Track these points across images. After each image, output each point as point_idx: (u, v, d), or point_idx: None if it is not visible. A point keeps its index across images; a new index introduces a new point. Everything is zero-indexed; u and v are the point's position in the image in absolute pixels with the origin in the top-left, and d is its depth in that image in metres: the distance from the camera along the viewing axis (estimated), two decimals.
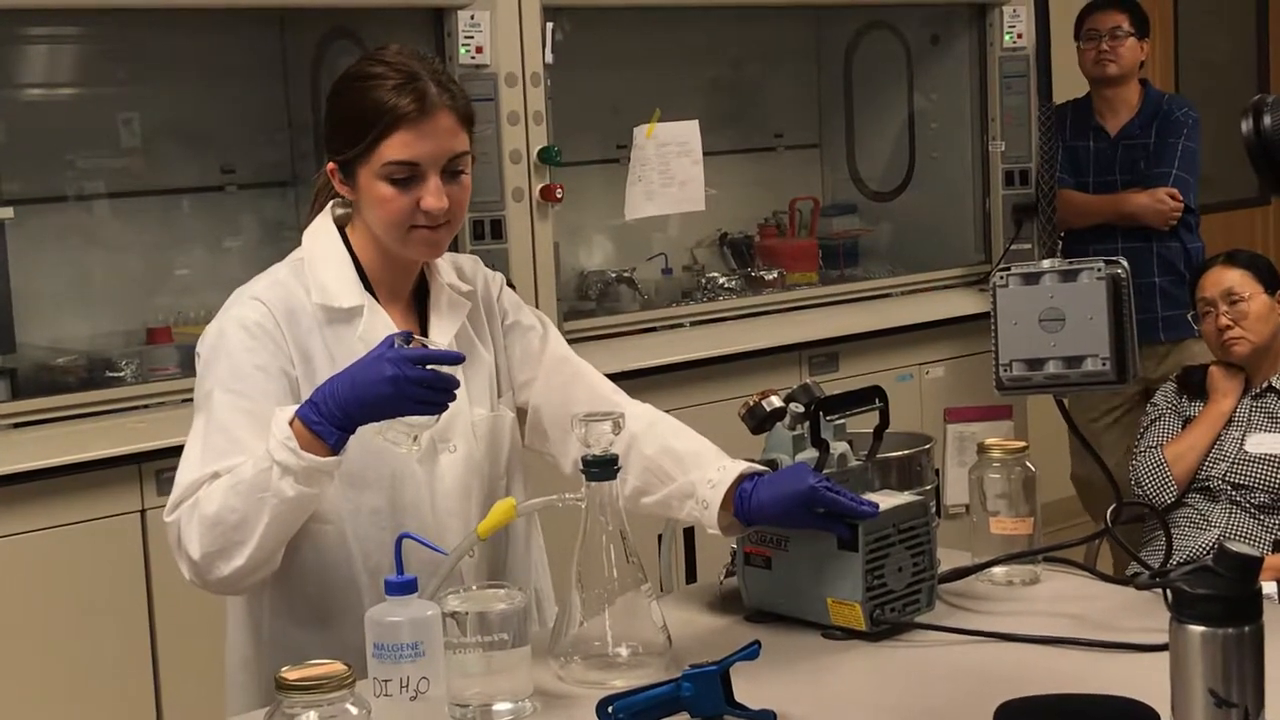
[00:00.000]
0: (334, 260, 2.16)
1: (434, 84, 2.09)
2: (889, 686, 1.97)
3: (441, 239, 2.14)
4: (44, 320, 3.72)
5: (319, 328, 2.13)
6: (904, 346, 4.62)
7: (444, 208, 2.09)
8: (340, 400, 1.96)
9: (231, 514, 1.98)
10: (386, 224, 2.11)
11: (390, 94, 2.07)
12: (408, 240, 2.12)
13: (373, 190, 2.10)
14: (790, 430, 2.16)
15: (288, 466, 1.96)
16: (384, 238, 2.14)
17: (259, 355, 2.08)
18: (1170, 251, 4.70)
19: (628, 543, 1.96)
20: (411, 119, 2.06)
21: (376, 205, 2.10)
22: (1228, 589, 1.53)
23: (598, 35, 4.45)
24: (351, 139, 2.10)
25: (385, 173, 2.08)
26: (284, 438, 1.96)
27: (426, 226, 2.10)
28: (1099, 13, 4.76)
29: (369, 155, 2.08)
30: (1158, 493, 3.71)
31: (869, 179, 5.22)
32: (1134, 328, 1.98)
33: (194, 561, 2.01)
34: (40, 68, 3.96)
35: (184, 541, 2.02)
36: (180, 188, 4.04)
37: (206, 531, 2.00)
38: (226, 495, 1.99)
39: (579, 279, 4.53)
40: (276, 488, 1.96)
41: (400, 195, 2.08)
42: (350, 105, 2.11)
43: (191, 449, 2.07)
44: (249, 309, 2.11)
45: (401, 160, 2.07)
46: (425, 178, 2.08)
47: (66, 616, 3.26)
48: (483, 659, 1.83)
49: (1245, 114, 1.68)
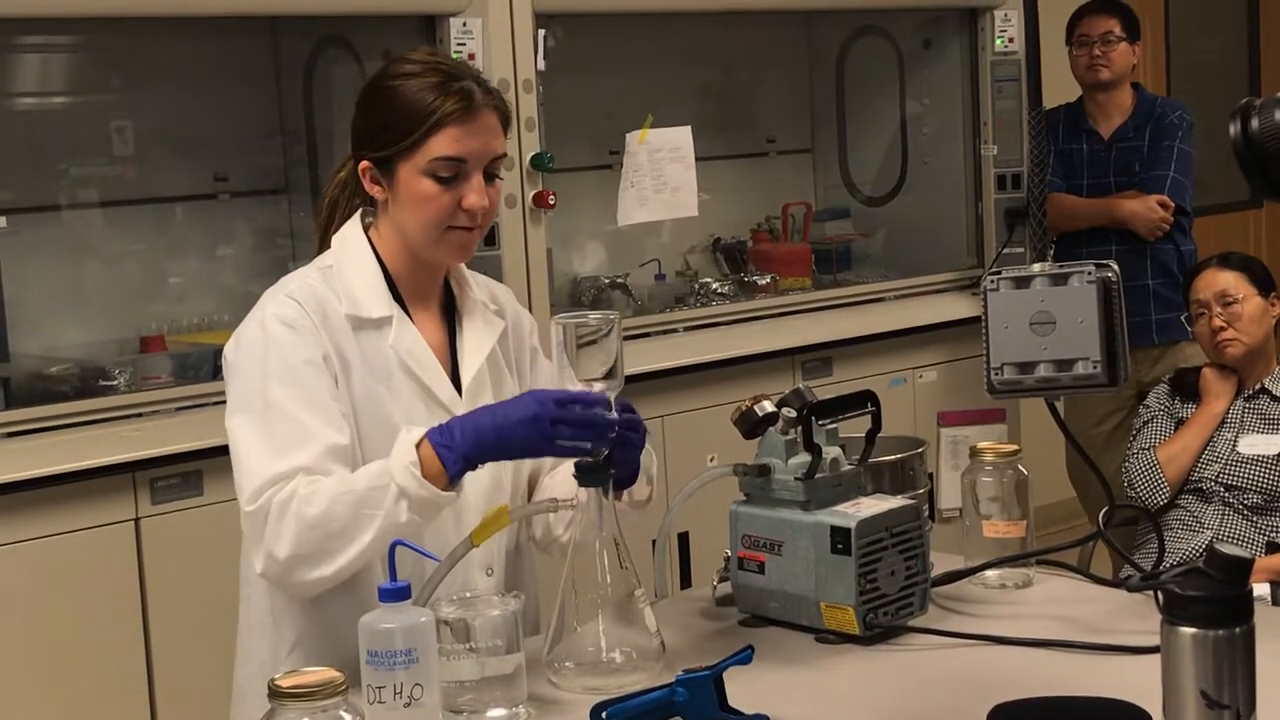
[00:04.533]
0: (363, 269, 2.15)
1: (478, 85, 2.11)
2: (882, 690, 1.97)
3: (473, 242, 2.14)
4: (37, 329, 3.72)
5: (353, 334, 2.12)
6: (897, 351, 4.63)
7: (485, 206, 2.10)
8: (478, 430, 1.94)
9: (334, 522, 1.96)
10: (425, 222, 2.11)
11: (435, 91, 2.08)
12: (442, 240, 2.12)
13: (415, 187, 2.09)
14: (783, 435, 2.16)
15: (406, 492, 1.94)
16: (417, 237, 2.13)
17: (306, 349, 2.07)
18: (1163, 254, 4.71)
19: (621, 548, 1.97)
20: (460, 115, 2.08)
21: (418, 203, 2.10)
22: (1219, 591, 1.53)
23: (590, 41, 4.46)
24: (395, 135, 2.09)
25: (431, 169, 2.08)
26: (409, 462, 1.94)
27: (463, 227, 2.11)
28: (1090, 18, 4.77)
29: (415, 151, 2.08)
30: (1150, 494, 3.72)
31: (861, 184, 5.23)
32: (1125, 330, 1.99)
33: (279, 560, 1.98)
34: (33, 76, 3.96)
35: (270, 536, 1.98)
36: (173, 196, 4.04)
37: (304, 533, 1.96)
38: (333, 503, 1.96)
39: (572, 285, 4.53)
40: (390, 510, 1.94)
41: (443, 193, 2.09)
42: (393, 102, 2.10)
43: (255, 441, 2.03)
44: (286, 307, 2.10)
45: (450, 156, 2.08)
46: (469, 176, 2.09)
47: (60, 626, 3.25)
48: (476, 665, 1.83)
49: (1234, 117, 1.69)
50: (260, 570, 2.03)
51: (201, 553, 3.28)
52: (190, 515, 3.35)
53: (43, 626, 3.24)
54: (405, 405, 2.12)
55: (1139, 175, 4.74)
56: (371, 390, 2.11)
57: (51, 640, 3.25)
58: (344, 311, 2.12)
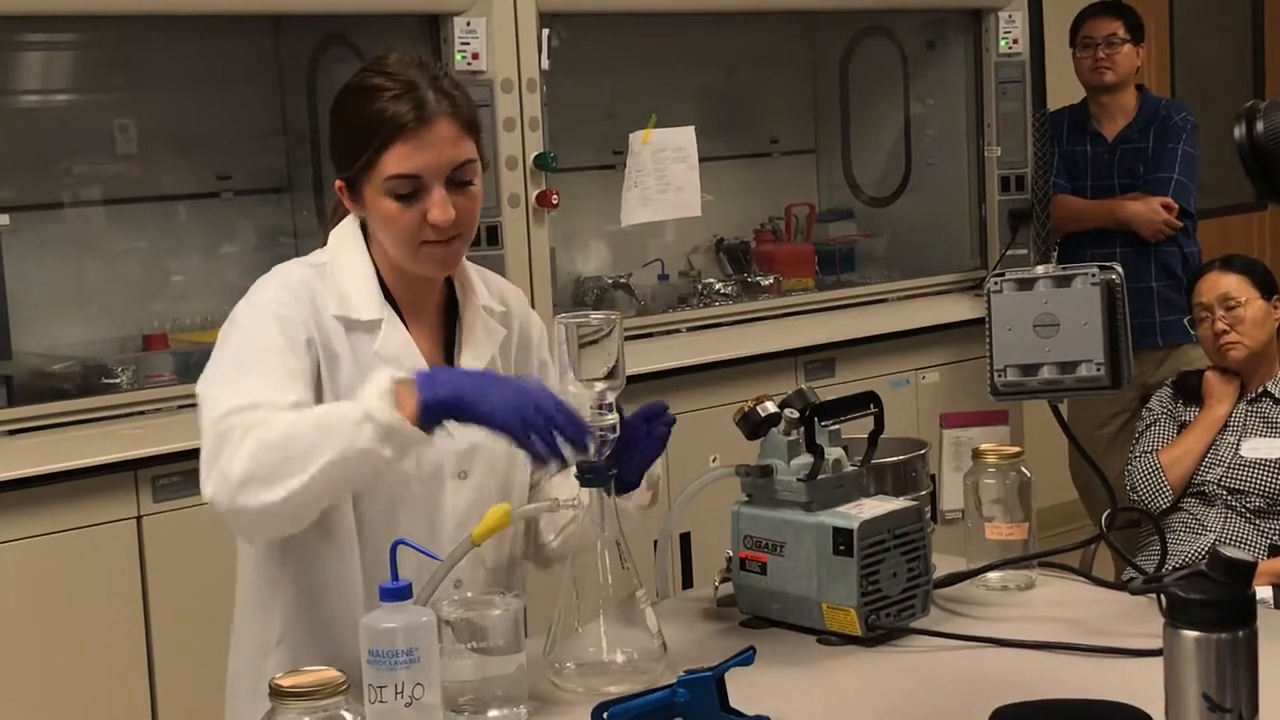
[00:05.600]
0: (356, 270, 2.11)
1: (432, 91, 2.04)
2: (884, 692, 1.97)
3: (454, 252, 2.08)
4: (40, 327, 3.72)
5: (344, 333, 2.08)
6: (900, 352, 4.63)
7: (450, 219, 2.03)
8: (466, 376, 1.92)
9: (294, 444, 1.87)
10: (395, 241, 2.06)
11: (387, 105, 2.02)
12: (418, 256, 2.06)
13: (378, 207, 2.05)
14: (785, 436, 2.16)
15: (372, 415, 1.85)
16: (395, 253, 2.09)
17: (292, 332, 2.02)
18: (1167, 256, 4.71)
19: (623, 549, 1.96)
20: (410, 130, 2.01)
21: (383, 222, 2.05)
22: (1221, 594, 1.53)
23: (594, 41, 4.46)
24: (353, 155, 2.05)
25: (388, 188, 2.03)
26: (383, 390, 1.87)
27: (436, 241, 2.05)
28: (1094, 20, 4.77)
29: (370, 171, 2.03)
30: (1153, 497, 3.72)
31: (865, 185, 5.22)
32: (1128, 333, 1.99)
33: (230, 479, 1.88)
34: (36, 74, 3.96)
35: (224, 457, 1.89)
36: (176, 194, 4.04)
37: (261, 452, 1.88)
38: (294, 424, 1.89)
39: (575, 285, 4.53)
40: (352, 432, 1.85)
41: (405, 210, 2.03)
42: (348, 120, 2.07)
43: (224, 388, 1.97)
44: (281, 292, 2.06)
45: (402, 174, 2.02)
46: (429, 190, 2.03)
47: (62, 623, 3.25)
48: (477, 665, 1.83)
49: (1238, 120, 1.69)
50: (209, 494, 1.91)
51: (203, 551, 3.27)
52: (192, 513, 3.34)
53: (44, 624, 3.24)
54: None
55: (1143, 177, 4.74)
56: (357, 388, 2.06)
57: (53, 638, 3.25)
58: (334, 312, 2.08)
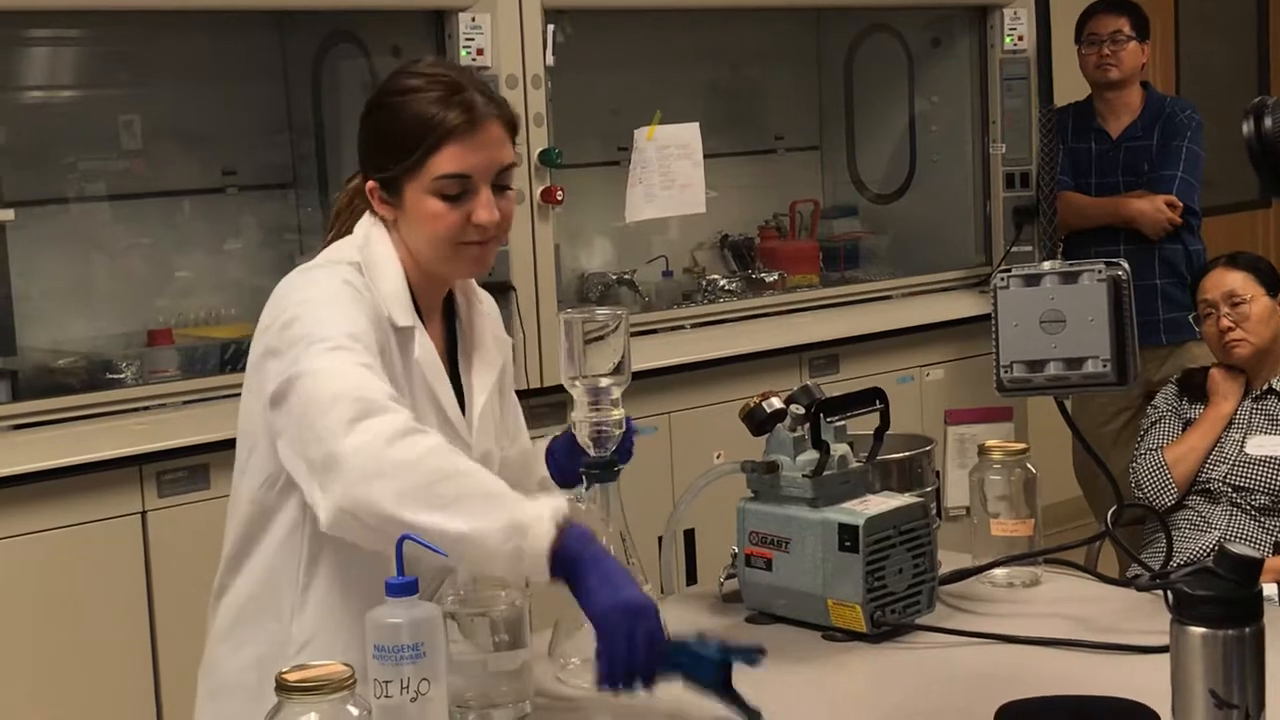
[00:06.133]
0: (392, 275, 2.08)
1: (479, 94, 2.05)
2: (889, 688, 1.97)
3: (489, 255, 2.09)
4: (45, 322, 3.72)
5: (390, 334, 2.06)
6: (905, 348, 4.63)
7: (496, 221, 2.04)
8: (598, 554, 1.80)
9: (452, 486, 1.81)
10: (436, 241, 2.05)
11: (436, 106, 2.02)
12: (456, 257, 2.06)
13: (422, 207, 2.04)
14: (791, 432, 2.16)
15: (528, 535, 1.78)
16: (429, 255, 2.07)
17: (366, 310, 1.99)
18: (1172, 254, 4.70)
19: (628, 544, 1.96)
20: (461, 131, 2.01)
21: (426, 222, 2.04)
22: (1228, 590, 1.53)
23: (599, 37, 4.45)
24: (397, 155, 2.04)
25: (436, 188, 2.02)
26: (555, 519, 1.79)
27: (476, 242, 2.05)
28: (1100, 17, 4.76)
29: (418, 171, 2.02)
30: (1158, 495, 3.71)
31: (870, 181, 5.22)
32: (1134, 329, 1.98)
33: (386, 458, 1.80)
34: (41, 70, 3.97)
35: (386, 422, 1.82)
36: (181, 190, 4.04)
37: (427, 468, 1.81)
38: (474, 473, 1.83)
39: (579, 281, 4.53)
40: (500, 536, 1.79)
41: (451, 210, 2.03)
42: (394, 120, 2.05)
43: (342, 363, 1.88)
44: (349, 274, 2.02)
45: (454, 174, 2.02)
46: (477, 191, 2.03)
47: (67, 618, 3.26)
48: (483, 661, 1.83)
49: (1246, 116, 1.69)
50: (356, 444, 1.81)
51: (208, 546, 3.25)
52: (197, 508, 3.35)
53: (49, 619, 3.25)
54: (420, 415, 2.02)
55: (1147, 175, 4.73)
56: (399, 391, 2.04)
57: (58, 633, 3.25)
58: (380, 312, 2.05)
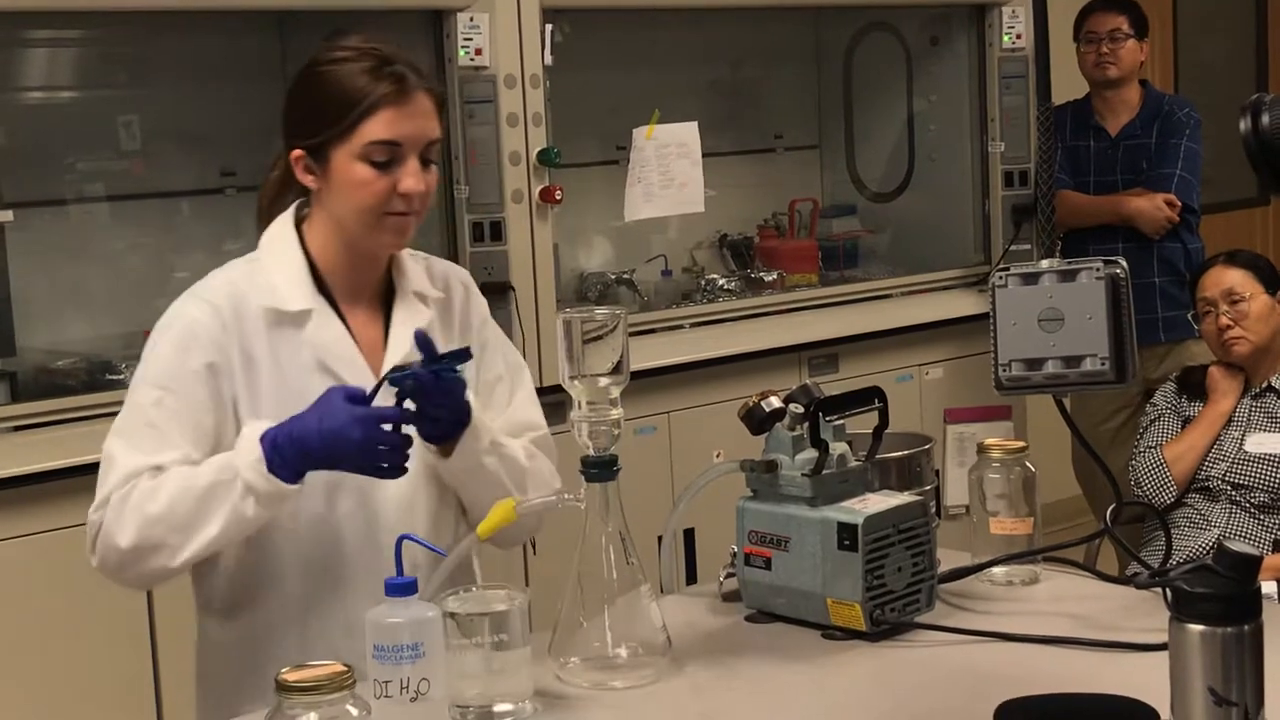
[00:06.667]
0: (287, 262, 2.14)
1: (409, 68, 2.10)
2: (889, 687, 1.97)
3: (410, 227, 2.12)
4: (44, 323, 3.72)
5: (266, 330, 2.10)
6: (903, 347, 4.63)
7: (421, 190, 2.08)
8: (303, 449, 1.96)
9: (178, 516, 2.00)
10: (361, 209, 2.09)
11: (368, 75, 2.07)
12: (379, 227, 2.10)
13: (350, 173, 2.08)
14: (790, 431, 2.15)
15: (253, 487, 1.97)
16: (353, 225, 2.11)
17: (196, 360, 2.07)
18: (1170, 252, 4.71)
19: (627, 544, 1.96)
20: (393, 99, 2.06)
21: (353, 189, 2.08)
22: (1227, 588, 1.53)
23: (597, 37, 4.46)
24: (328, 121, 2.08)
25: (366, 153, 2.07)
26: (254, 459, 1.97)
27: (399, 213, 2.09)
28: (1098, 15, 4.76)
29: (349, 136, 2.07)
30: (1157, 493, 3.71)
31: (868, 180, 5.22)
32: (1133, 327, 1.98)
33: (120, 549, 2.02)
34: (40, 71, 3.97)
35: (109, 532, 2.03)
36: (180, 190, 4.04)
37: (147, 526, 2.00)
38: (176, 498, 2.00)
39: (578, 280, 4.53)
40: (237, 505, 1.98)
41: (379, 177, 2.07)
42: (325, 88, 2.09)
43: (115, 445, 2.08)
44: (199, 310, 2.11)
45: (385, 140, 2.06)
46: (404, 160, 2.08)
47: (67, 620, 3.26)
48: (483, 660, 1.83)
49: (1244, 113, 1.68)
50: (98, 564, 2.07)
51: None
52: None
53: (49, 621, 3.24)
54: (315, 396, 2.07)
55: (1146, 173, 4.74)
56: (283, 390, 2.09)
57: (57, 635, 3.25)
58: (262, 304, 2.11)
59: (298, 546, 2.11)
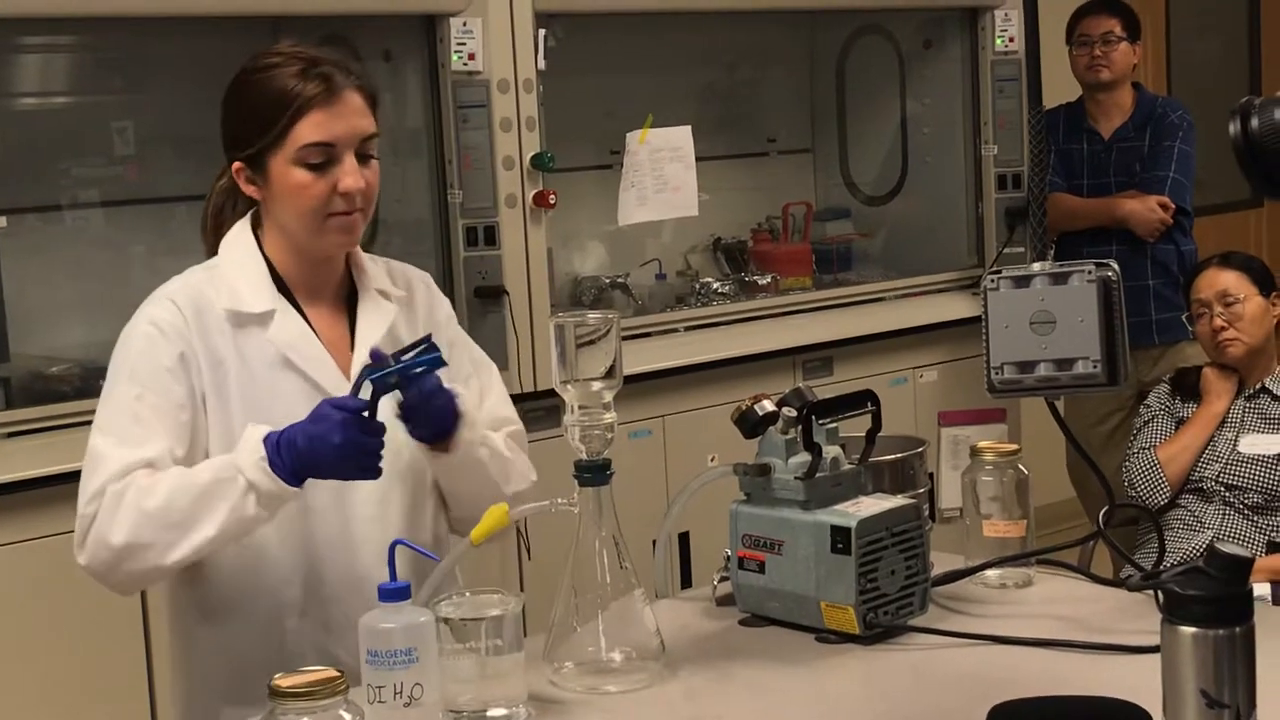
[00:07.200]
0: (246, 265, 2.15)
1: (336, 68, 2.11)
2: (882, 690, 1.97)
3: (356, 224, 2.13)
4: (37, 329, 3.72)
5: (230, 331, 2.11)
6: (897, 350, 4.63)
7: (361, 188, 2.09)
8: (295, 449, 1.96)
9: (175, 513, 1.98)
10: (303, 213, 2.10)
11: (295, 78, 2.08)
12: (324, 229, 2.11)
13: (287, 179, 2.09)
14: (783, 434, 2.16)
15: (256, 485, 1.97)
16: (299, 230, 2.12)
17: (167, 355, 2.08)
18: (1164, 254, 4.72)
19: (621, 548, 1.96)
20: (322, 100, 2.07)
21: (292, 194, 2.09)
22: (1219, 590, 1.53)
23: (590, 41, 4.46)
24: (260, 129, 2.09)
25: (300, 157, 2.08)
26: (258, 458, 1.96)
27: (343, 212, 2.09)
28: (1090, 18, 4.77)
29: (281, 142, 2.08)
30: (1151, 494, 3.72)
31: (862, 183, 5.23)
32: (1125, 330, 1.99)
33: (112, 547, 1.99)
34: (33, 76, 3.96)
35: (102, 528, 2.00)
36: (174, 196, 4.03)
37: (142, 522, 1.98)
38: (174, 494, 1.99)
39: (573, 285, 4.53)
40: (237, 503, 1.97)
41: (317, 180, 2.08)
42: (255, 96, 2.11)
43: (101, 442, 2.06)
44: (161, 309, 2.11)
45: (317, 142, 2.07)
46: (340, 159, 2.08)
47: (61, 626, 3.25)
48: (477, 665, 1.83)
49: (1233, 116, 1.69)
50: (86, 561, 2.03)
51: None
52: None
53: (44, 627, 3.24)
54: (288, 401, 2.09)
55: (1139, 175, 4.75)
56: (251, 388, 2.10)
57: (52, 640, 3.25)
58: (224, 307, 2.12)
59: (278, 547, 2.11)
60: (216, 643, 2.15)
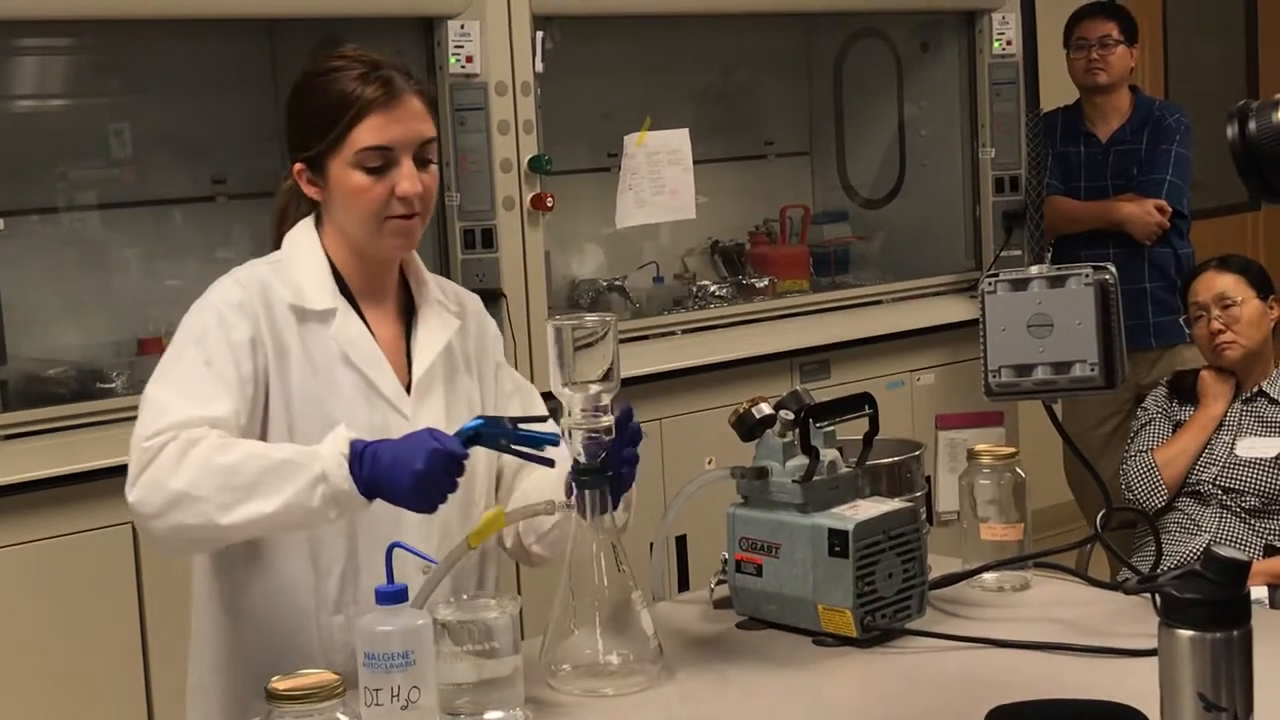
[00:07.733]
0: (310, 262, 2.16)
1: (397, 72, 2.12)
2: (880, 693, 1.97)
3: (415, 229, 2.14)
4: (34, 332, 3.72)
5: (295, 324, 2.12)
6: (895, 353, 4.63)
7: (419, 192, 2.10)
8: (377, 460, 1.92)
9: (241, 476, 1.92)
10: (361, 215, 2.11)
11: (356, 82, 2.09)
12: (382, 232, 2.12)
13: (346, 181, 2.10)
14: (780, 437, 2.16)
15: (328, 477, 1.91)
16: (357, 233, 2.13)
17: (240, 332, 2.07)
18: (1161, 257, 4.72)
19: (618, 551, 1.97)
20: (381, 103, 2.08)
21: (350, 197, 2.10)
22: (1216, 593, 1.53)
23: (588, 44, 4.46)
24: (320, 132, 2.10)
25: (359, 160, 2.09)
26: (340, 453, 1.92)
27: (401, 216, 2.10)
28: (1088, 21, 4.77)
29: (340, 145, 2.09)
30: (1148, 497, 3.72)
31: (859, 186, 5.23)
32: (1122, 333, 1.99)
33: (168, 490, 1.92)
34: (30, 78, 3.96)
35: (161, 470, 1.93)
36: (171, 198, 4.04)
37: (206, 474, 1.92)
38: (246, 459, 1.93)
39: (570, 287, 4.53)
40: (304, 490, 1.92)
41: (375, 183, 2.09)
42: (316, 99, 2.12)
43: (163, 391, 2.02)
44: (230, 291, 2.12)
45: (375, 145, 2.08)
46: (398, 163, 2.09)
47: (58, 629, 3.25)
48: (474, 668, 1.83)
49: (1231, 119, 1.69)
50: (135, 499, 1.95)
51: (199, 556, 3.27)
52: None
53: (40, 630, 3.24)
54: (345, 399, 2.10)
55: (1136, 178, 4.75)
56: (312, 381, 2.10)
57: (49, 643, 3.25)
58: (289, 301, 2.12)
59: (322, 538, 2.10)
60: (248, 635, 2.14)
